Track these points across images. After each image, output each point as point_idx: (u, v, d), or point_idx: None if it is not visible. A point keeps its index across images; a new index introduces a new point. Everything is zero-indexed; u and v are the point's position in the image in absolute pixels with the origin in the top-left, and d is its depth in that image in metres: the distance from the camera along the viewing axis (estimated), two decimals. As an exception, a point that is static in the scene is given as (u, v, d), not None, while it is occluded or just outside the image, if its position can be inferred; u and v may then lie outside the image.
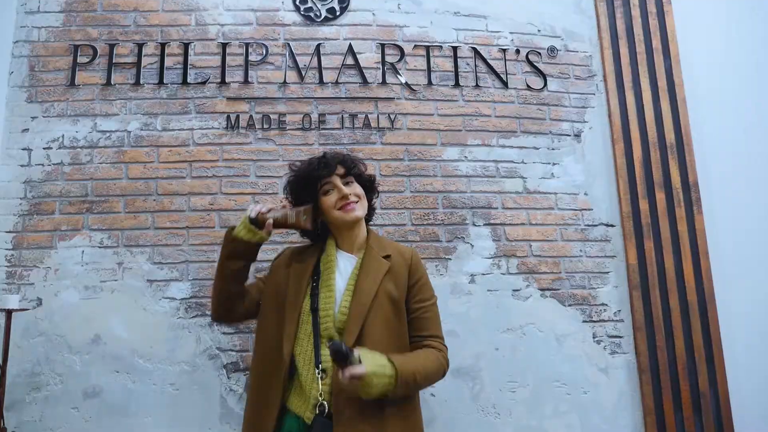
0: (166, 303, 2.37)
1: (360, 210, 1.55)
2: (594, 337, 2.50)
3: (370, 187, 1.65)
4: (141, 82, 2.56)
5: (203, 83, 2.57)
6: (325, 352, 1.44)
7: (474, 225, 2.55)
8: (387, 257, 1.57)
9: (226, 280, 1.56)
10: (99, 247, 2.41)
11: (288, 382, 1.44)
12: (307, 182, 1.57)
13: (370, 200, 1.65)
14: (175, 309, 2.36)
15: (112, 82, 2.56)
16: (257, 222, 1.53)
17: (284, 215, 1.54)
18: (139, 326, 2.31)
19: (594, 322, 2.52)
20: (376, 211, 2.43)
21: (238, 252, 1.54)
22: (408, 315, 1.53)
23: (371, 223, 1.77)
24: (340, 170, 1.56)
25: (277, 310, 1.50)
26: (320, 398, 1.39)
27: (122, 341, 2.31)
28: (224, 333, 2.37)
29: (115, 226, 2.43)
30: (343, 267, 1.53)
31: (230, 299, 1.58)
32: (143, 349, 2.30)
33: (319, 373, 1.42)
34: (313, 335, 1.43)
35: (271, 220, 1.53)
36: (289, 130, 2.57)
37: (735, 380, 2.48)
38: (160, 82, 2.57)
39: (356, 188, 1.60)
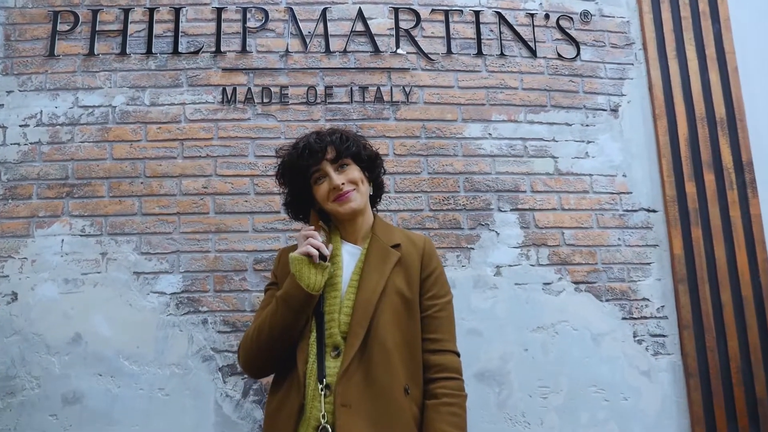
0: (154, 298, 2.14)
1: (357, 199, 1.36)
2: (635, 336, 2.25)
3: (371, 165, 1.42)
4: (127, 51, 2.33)
5: (196, 53, 2.33)
6: (330, 364, 1.24)
7: (499, 210, 2.29)
8: (396, 247, 1.38)
9: (287, 339, 1.30)
10: (80, 235, 2.18)
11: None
12: (295, 172, 1.38)
13: (375, 179, 1.45)
14: (165, 305, 2.14)
15: (96, 52, 2.32)
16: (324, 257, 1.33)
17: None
18: (124, 324, 2.10)
19: (635, 319, 2.27)
20: (390, 195, 2.18)
21: (312, 302, 1.30)
22: (420, 313, 1.35)
23: (383, 207, 1.52)
24: (331, 153, 1.34)
25: None
26: (322, 420, 1.14)
27: (106, 341, 2.09)
28: (220, 332, 2.13)
29: (98, 212, 2.20)
30: (347, 261, 1.36)
31: (283, 355, 1.32)
32: (129, 349, 2.09)
33: (322, 390, 1.19)
34: (316, 344, 1.26)
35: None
36: (291, 104, 2.30)
37: (797, 385, 2.19)
38: (149, 52, 2.33)
39: (351, 173, 1.37)
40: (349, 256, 1.38)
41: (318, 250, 1.28)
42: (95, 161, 2.24)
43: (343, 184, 1.34)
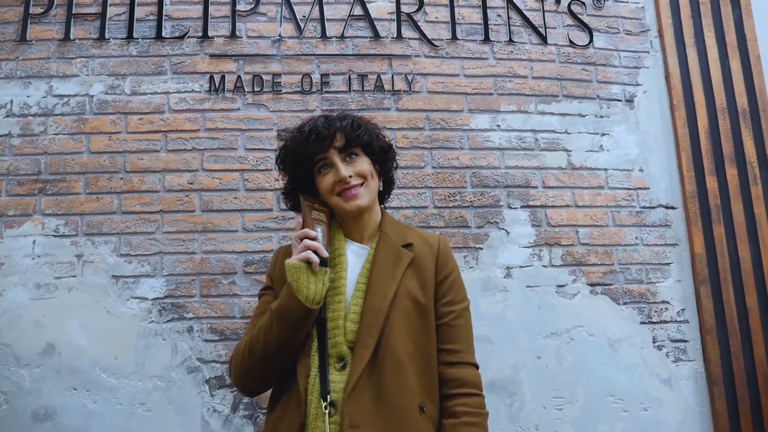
0: (135, 304, 1.98)
1: (365, 196, 1.19)
2: (654, 342, 2.12)
3: (383, 158, 1.26)
4: (106, 36, 2.16)
5: (181, 38, 2.17)
6: (335, 378, 1.08)
7: (509, 207, 2.14)
8: (408, 246, 1.22)
9: (284, 355, 1.14)
10: (54, 235, 2.00)
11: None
12: (298, 159, 1.21)
13: (386, 173, 1.29)
14: (146, 311, 1.97)
15: (72, 37, 2.15)
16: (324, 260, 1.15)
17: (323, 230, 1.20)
18: (101, 333, 1.94)
19: (654, 323, 2.13)
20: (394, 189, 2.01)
21: (312, 316, 1.13)
22: (435, 320, 1.20)
23: (389, 203, 1.36)
24: (339, 141, 1.18)
25: None
26: None
27: (81, 351, 1.93)
28: (207, 341, 1.95)
29: (73, 211, 2.03)
30: (352, 261, 1.20)
31: (280, 369, 1.16)
32: (107, 360, 1.92)
33: (326, 408, 1.04)
34: (318, 355, 1.10)
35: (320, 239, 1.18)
36: (285, 93, 2.14)
37: (829, 394, 2.05)
38: (129, 37, 2.16)
39: (361, 164, 1.21)
40: (355, 256, 1.22)
41: (316, 252, 1.11)
42: (70, 155, 2.06)
43: (350, 177, 1.18)
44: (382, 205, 1.34)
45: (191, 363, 1.94)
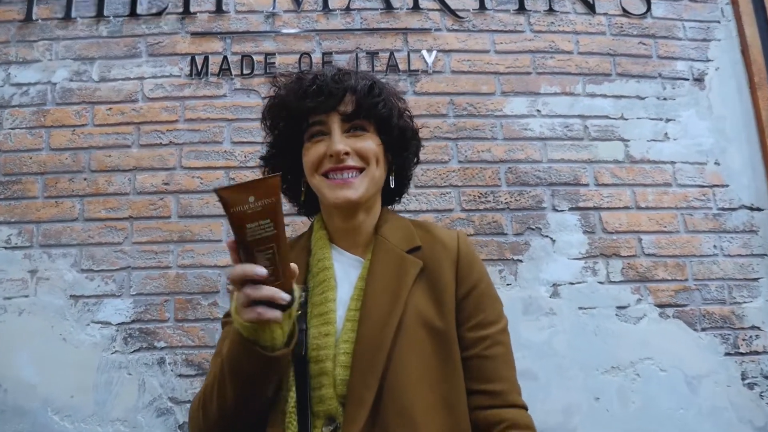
0: (96, 330, 1.66)
1: (361, 186, 0.86)
2: (744, 379, 1.73)
3: (400, 142, 0.93)
4: (73, 15, 1.89)
5: (158, 14, 1.89)
6: None
7: (555, 210, 1.77)
8: (415, 251, 0.88)
9: (249, 412, 0.79)
10: (4, 247, 1.72)
11: None
12: (288, 115, 0.89)
13: (402, 166, 0.96)
14: (110, 339, 1.66)
15: (34, 17, 1.89)
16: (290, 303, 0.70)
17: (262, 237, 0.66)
18: (55, 366, 1.64)
19: (742, 354, 1.74)
20: (408, 191, 1.64)
21: (279, 365, 0.75)
22: (460, 351, 0.86)
23: (398, 206, 1.01)
24: (348, 105, 0.87)
25: None
26: None
27: (30, 389, 1.62)
28: (181, 376, 1.60)
29: (28, 218, 1.74)
30: (342, 278, 0.88)
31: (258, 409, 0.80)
32: (61, 400, 1.61)
33: None
34: (298, 416, 0.77)
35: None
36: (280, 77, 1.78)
37: None
38: (99, 15, 1.89)
39: (366, 143, 0.87)
40: (346, 270, 0.87)
41: (273, 301, 0.67)
42: (27, 152, 1.77)
43: (346, 153, 0.83)
44: (389, 206, 0.97)
45: (161, 404, 1.58)
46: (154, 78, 1.82)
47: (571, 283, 1.73)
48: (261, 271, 0.65)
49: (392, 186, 0.93)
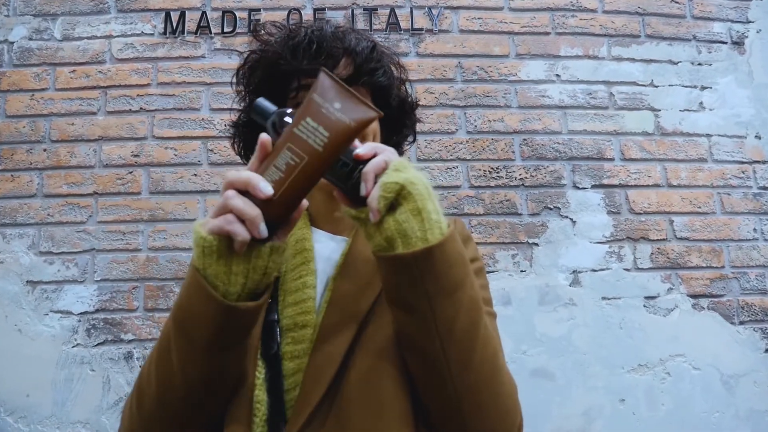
0: (55, 320, 1.51)
1: None
2: None
3: (398, 116, 0.86)
4: None
5: None
6: None
7: (576, 187, 1.63)
8: None
9: (201, 409, 0.64)
10: None
11: None
12: (275, 74, 0.76)
13: (396, 140, 0.88)
14: (71, 331, 1.51)
15: None
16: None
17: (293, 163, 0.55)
18: (9, 361, 1.50)
19: None
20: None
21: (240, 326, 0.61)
22: None
23: None
24: (345, 68, 0.77)
25: None
26: None
27: None
28: (151, 372, 1.40)
29: None
30: (323, 261, 0.77)
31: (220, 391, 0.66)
32: (16, 400, 1.48)
33: None
34: (268, 417, 0.64)
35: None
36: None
37: None
38: None
39: None
40: (327, 253, 0.75)
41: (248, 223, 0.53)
42: (-20, 120, 1.58)
43: None
44: None
45: (129, 404, 1.41)
46: (123, 36, 1.66)
47: (594, 270, 1.61)
48: (266, 188, 0.53)
49: None
